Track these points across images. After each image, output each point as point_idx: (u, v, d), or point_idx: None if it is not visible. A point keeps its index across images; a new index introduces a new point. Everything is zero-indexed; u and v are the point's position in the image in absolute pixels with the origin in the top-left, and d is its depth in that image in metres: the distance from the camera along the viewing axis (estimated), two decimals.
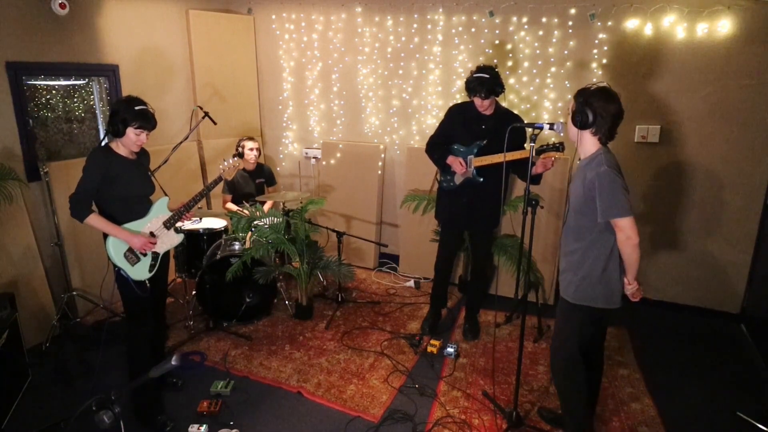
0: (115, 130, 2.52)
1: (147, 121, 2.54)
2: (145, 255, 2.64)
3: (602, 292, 2.23)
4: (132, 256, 2.59)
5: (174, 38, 4.58)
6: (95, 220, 2.50)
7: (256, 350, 3.47)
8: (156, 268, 2.70)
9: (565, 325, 2.38)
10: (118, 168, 2.55)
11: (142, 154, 2.75)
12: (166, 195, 2.78)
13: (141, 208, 2.67)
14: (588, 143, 2.21)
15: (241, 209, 4.14)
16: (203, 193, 2.87)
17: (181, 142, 3.86)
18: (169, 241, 2.77)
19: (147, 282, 2.66)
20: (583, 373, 2.38)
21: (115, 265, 2.57)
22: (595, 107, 2.12)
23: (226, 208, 4.30)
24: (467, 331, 3.65)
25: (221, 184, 4.34)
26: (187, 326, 3.71)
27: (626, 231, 2.10)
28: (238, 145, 4.31)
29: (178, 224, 2.81)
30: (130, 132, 2.52)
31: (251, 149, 4.30)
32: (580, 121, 2.16)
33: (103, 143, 2.67)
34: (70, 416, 2.67)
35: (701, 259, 3.92)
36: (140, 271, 2.62)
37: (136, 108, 2.50)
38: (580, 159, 2.29)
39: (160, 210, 2.72)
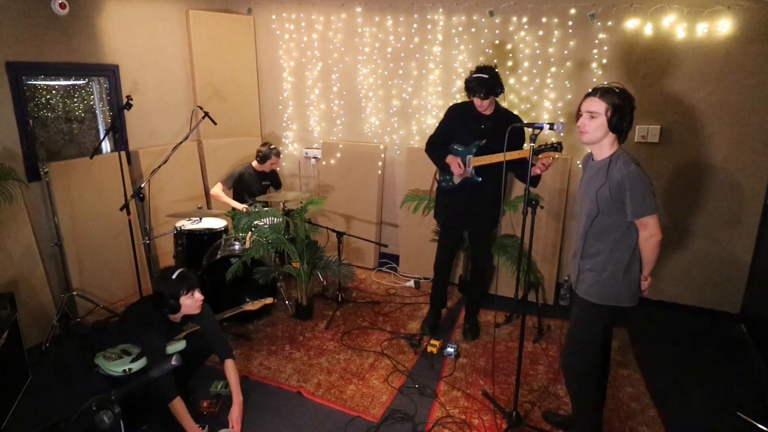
0: (173, 309, 2.52)
1: (190, 280, 2.53)
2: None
3: (626, 291, 2.23)
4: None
5: (174, 38, 4.58)
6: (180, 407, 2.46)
7: (256, 350, 3.47)
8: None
9: (587, 327, 2.33)
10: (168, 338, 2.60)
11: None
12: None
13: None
14: (608, 144, 2.18)
15: (228, 200, 4.23)
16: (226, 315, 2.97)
17: (181, 142, 3.86)
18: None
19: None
20: (598, 376, 2.37)
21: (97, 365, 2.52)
22: (628, 109, 2.10)
23: (213, 192, 4.30)
24: (467, 331, 3.65)
25: (225, 175, 4.37)
26: None
27: (651, 229, 2.12)
28: (268, 154, 4.30)
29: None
30: (185, 300, 2.52)
31: (273, 164, 4.38)
32: (628, 126, 2.12)
33: (164, 312, 2.58)
34: (70, 416, 2.66)
35: (701, 259, 3.92)
36: (116, 367, 2.51)
37: (173, 277, 2.48)
38: (593, 160, 2.25)
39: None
